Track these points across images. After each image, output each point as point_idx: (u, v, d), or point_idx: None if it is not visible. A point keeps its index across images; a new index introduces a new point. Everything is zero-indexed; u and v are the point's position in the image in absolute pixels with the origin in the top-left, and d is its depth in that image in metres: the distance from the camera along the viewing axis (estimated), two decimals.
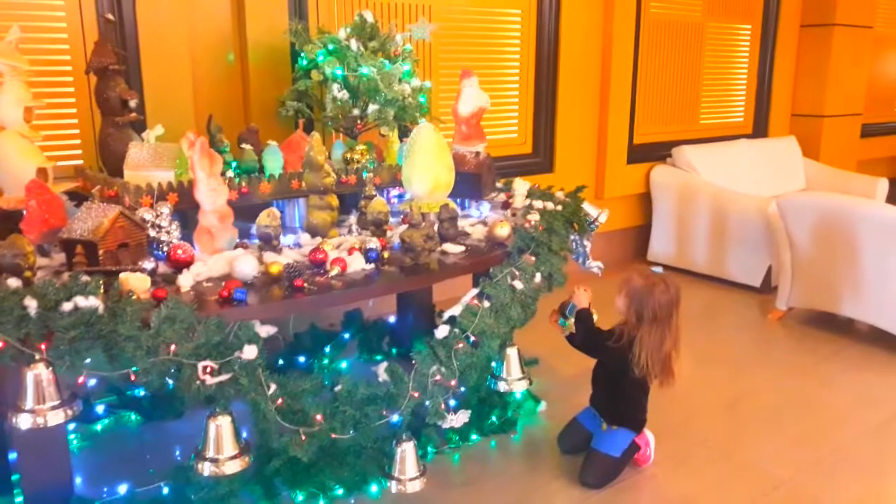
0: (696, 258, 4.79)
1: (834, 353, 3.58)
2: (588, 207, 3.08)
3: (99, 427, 2.74)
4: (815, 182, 5.55)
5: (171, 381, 1.83)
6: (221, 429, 1.88)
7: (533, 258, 2.56)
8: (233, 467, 1.89)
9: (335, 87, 2.94)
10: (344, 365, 3.20)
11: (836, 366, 3.45)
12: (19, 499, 2.10)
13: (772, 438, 2.78)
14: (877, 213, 3.45)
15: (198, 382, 1.80)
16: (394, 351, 3.34)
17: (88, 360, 1.71)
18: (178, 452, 2.54)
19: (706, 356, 3.54)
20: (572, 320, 2.52)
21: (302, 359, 3.15)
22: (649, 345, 2.36)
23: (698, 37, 5.23)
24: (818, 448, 2.71)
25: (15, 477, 2.18)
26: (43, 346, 1.69)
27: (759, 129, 5.85)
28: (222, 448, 1.88)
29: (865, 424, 2.89)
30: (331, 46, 2.96)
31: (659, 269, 2.47)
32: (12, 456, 2.16)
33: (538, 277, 2.54)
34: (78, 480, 2.15)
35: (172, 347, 1.75)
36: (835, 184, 5.33)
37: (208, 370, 1.79)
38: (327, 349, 3.25)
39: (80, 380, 1.73)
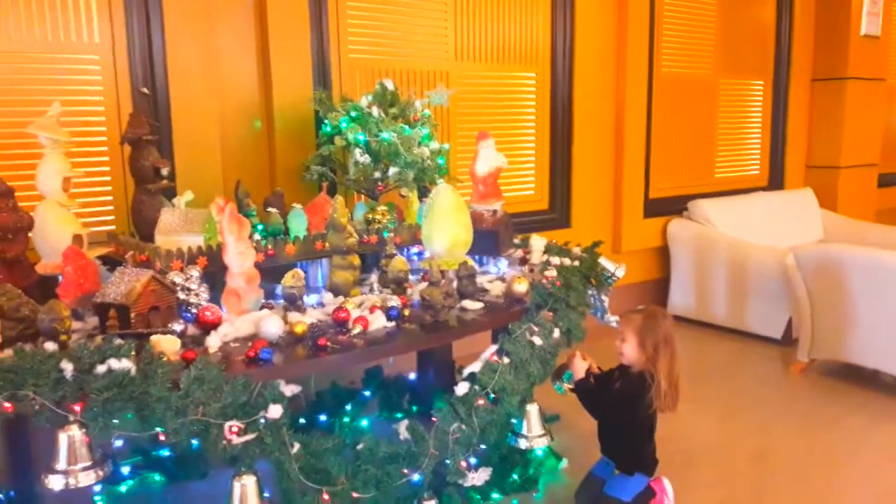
0: (717, 311, 4.79)
1: (859, 406, 3.55)
2: (605, 262, 3.13)
3: (124, 488, 2.77)
4: (833, 233, 5.56)
5: (197, 441, 1.88)
6: (247, 489, 1.91)
7: (551, 314, 2.60)
8: None
9: (357, 151, 3.05)
10: (365, 423, 3.23)
11: (862, 418, 3.41)
12: None
13: (797, 495, 2.75)
14: (893, 263, 3.46)
15: (224, 442, 1.84)
16: (414, 408, 3.36)
17: (119, 422, 1.77)
18: None
19: (729, 410, 3.52)
20: (568, 385, 2.54)
21: (323, 417, 3.18)
22: (667, 370, 2.40)
23: (711, 93, 5.34)
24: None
25: None
26: (77, 408, 1.76)
27: (775, 181, 5.89)
28: None
29: (891, 480, 2.85)
30: (353, 113, 3.09)
31: (641, 308, 2.52)
32: None
33: (557, 333, 2.57)
34: None
35: (201, 408, 1.80)
36: (853, 234, 5.34)
37: (234, 430, 1.83)
38: (348, 407, 3.28)
39: (112, 441, 1.79)
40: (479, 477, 2.30)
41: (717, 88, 5.38)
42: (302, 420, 3.10)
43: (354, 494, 2.02)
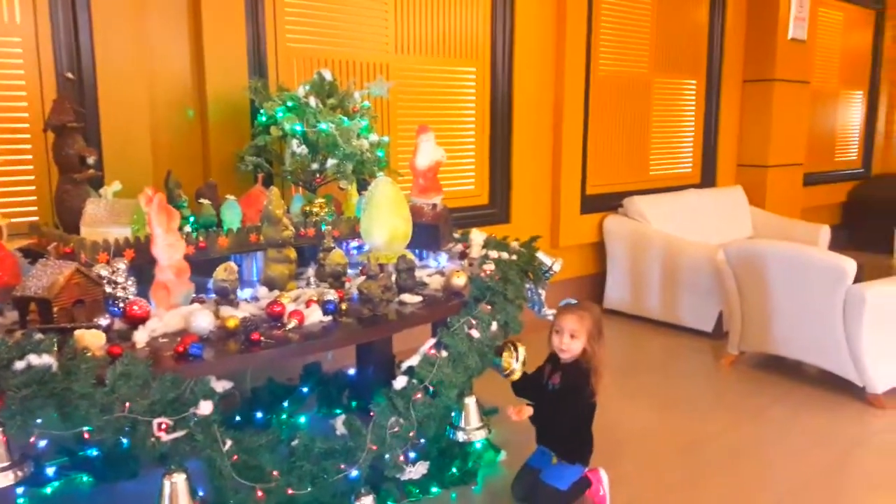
0: (650, 305, 4.90)
1: (783, 396, 3.68)
2: (542, 257, 3.16)
3: (49, 490, 2.65)
4: (761, 229, 5.76)
5: (125, 439, 1.82)
6: (177, 486, 1.86)
7: (489, 307, 2.62)
8: None
9: (294, 142, 3.00)
10: (303, 420, 3.17)
11: (786, 408, 3.54)
12: None
13: (728, 482, 2.84)
14: (818, 259, 3.60)
15: (153, 439, 1.79)
16: (353, 404, 3.32)
17: (41, 420, 1.69)
18: None
19: (662, 402, 3.61)
20: (510, 362, 2.59)
21: (259, 414, 3.11)
22: (600, 358, 2.53)
23: (646, 91, 5.45)
24: (772, 491, 2.78)
25: None
26: None
27: (707, 178, 6.07)
28: None
29: (816, 466, 2.97)
30: (290, 103, 3.03)
31: (573, 301, 2.62)
32: None
33: (495, 326, 2.59)
34: None
35: (127, 405, 1.74)
36: (780, 231, 5.54)
37: (163, 427, 1.78)
38: (285, 404, 3.22)
39: (32, 440, 1.71)
40: (417, 471, 2.31)
41: (652, 87, 5.50)
42: (237, 417, 3.04)
43: (290, 491, 1.99)
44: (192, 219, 2.76)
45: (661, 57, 5.50)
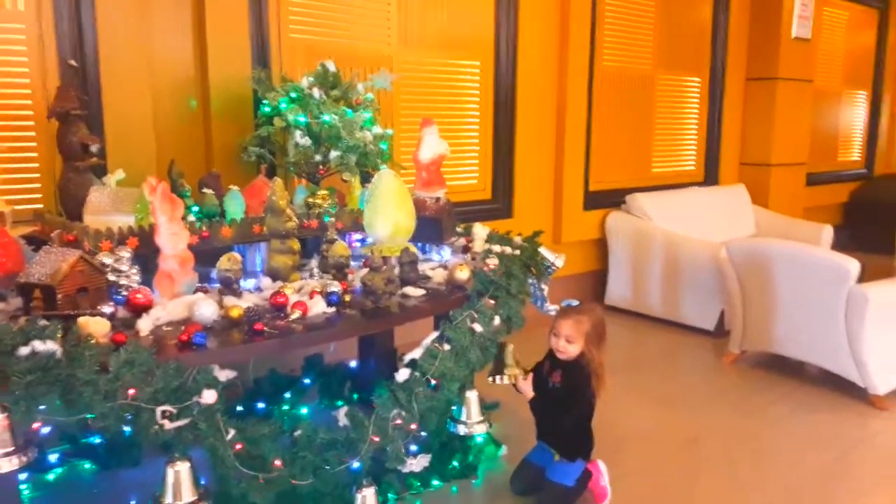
0: (652, 302, 4.90)
1: (785, 395, 3.68)
2: (545, 252, 3.16)
3: (52, 476, 2.66)
4: (764, 228, 5.76)
5: (128, 427, 1.81)
6: (180, 474, 1.86)
7: (492, 301, 2.61)
8: None
9: (298, 133, 2.99)
10: (304, 411, 3.17)
11: (787, 407, 3.54)
12: None
13: (726, 480, 2.84)
14: (821, 259, 3.60)
15: (156, 427, 1.78)
16: (355, 396, 3.32)
17: (44, 406, 1.69)
18: (133, 502, 2.47)
19: (661, 399, 3.61)
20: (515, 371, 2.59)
21: (262, 405, 3.11)
22: (601, 361, 2.53)
23: (649, 88, 5.45)
24: (770, 489, 2.77)
25: None
26: None
27: (710, 177, 6.06)
28: (181, 494, 1.85)
29: (815, 465, 2.97)
30: (293, 94, 3.02)
31: (575, 302, 2.61)
32: None
33: (497, 320, 2.58)
34: None
35: (131, 392, 1.74)
36: (782, 230, 5.54)
37: (167, 415, 1.78)
38: (287, 395, 3.22)
39: (35, 426, 1.70)
40: (419, 463, 2.30)
41: (656, 84, 5.49)
42: (240, 407, 3.03)
43: (292, 481, 1.99)
44: (195, 209, 2.75)
45: (665, 54, 5.49)
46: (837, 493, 2.78)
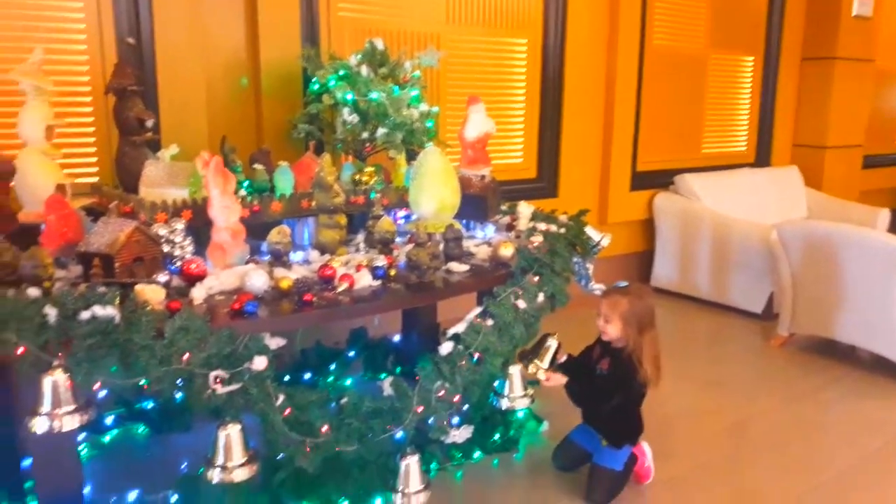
0: (699, 284, 4.83)
1: (834, 380, 3.61)
2: (590, 231, 3.14)
3: (108, 438, 2.78)
4: (816, 211, 5.61)
5: (181, 392, 1.88)
6: (231, 437, 1.92)
7: (536, 278, 2.61)
8: (241, 475, 1.92)
9: (345, 110, 3.03)
10: (348, 382, 3.24)
11: (837, 392, 3.47)
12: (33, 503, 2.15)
13: (771, 463, 2.81)
14: (877, 242, 3.50)
15: (208, 392, 1.85)
16: (398, 370, 3.38)
17: (104, 368, 1.76)
18: (184, 464, 2.57)
19: (708, 382, 3.57)
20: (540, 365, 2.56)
21: (307, 376, 3.19)
22: (651, 353, 2.46)
23: (701, 67, 5.33)
24: (817, 473, 2.74)
25: (28, 484, 2.22)
26: (60, 354, 1.75)
27: (762, 158, 5.92)
28: (232, 456, 1.92)
29: (864, 450, 2.92)
30: (342, 72, 3.05)
31: (623, 284, 2.57)
32: (26, 463, 2.22)
33: (541, 297, 2.58)
34: (87, 489, 2.19)
35: (185, 357, 1.80)
36: (836, 213, 5.39)
37: (219, 380, 1.84)
38: (332, 367, 3.30)
39: (96, 387, 1.78)
40: (462, 434, 2.33)
41: (708, 63, 5.37)
42: (286, 377, 3.11)
43: (337, 447, 2.04)
44: (246, 183, 2.81)
45: (718, 33, 5.36)
46: (887, 479, 2.73)
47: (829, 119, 5.92)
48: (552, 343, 2.58)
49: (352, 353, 3.38)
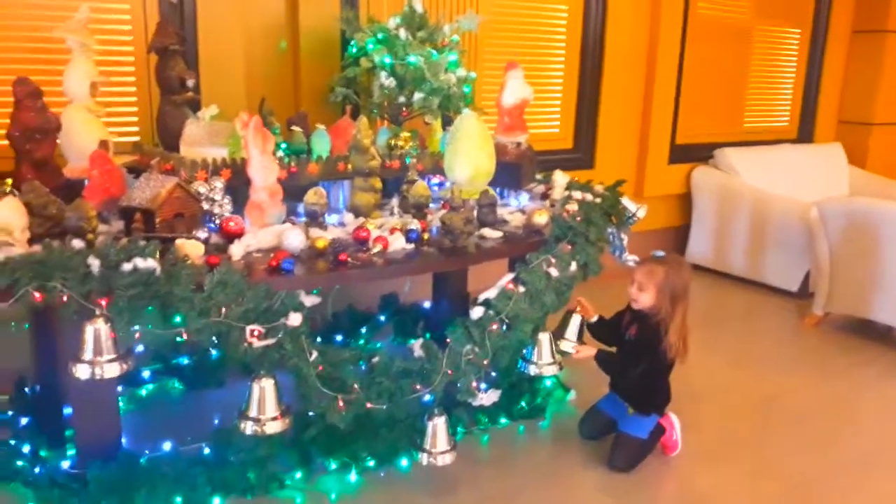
0: (735, 261, 4.77)
1: (869, 360, 3.56)
2: (626, 201, 3.11)
3: (144, 392, 2.86)
4: (858, 189, 5.47)
5: (219, 345, 1.93)
6: (265, 391, 1.97)
7: (569, 247, 2.61)
8: (274, 427, 1.98)
9: (383, 74, 3.02)
10: (379, 345, 3.28)
11: (871, 372, 3.43)
12: (71, 451, 2.23)
13: (799, 439, 2.79)
14: None
15: (245, 345, 1.89)
16: (427, 335, 3.39)
17: (144, 318, 1.82)
18: (217, 419, 2.64)
19: (740, 358, 3.55)
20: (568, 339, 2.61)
21: (339, 338, 3.24)
22: (678, 325, 2.46)
23: (746, 38, 5.20)
24: (843, 451, 2.72)
25: (68, 432, 2.31)
26: (103, 303, 1.81)
27: (805, 134, 5.78)
28: (265, 409, 1.97)
29: (892, 431, 2.88)
30: (380, 35, 3.05)
31: (661, 254, 2.55)
32: (67, 411, 2.30)
33: (574, 266, 2.58)
34: (124, 441, 2.26)
35: (223, 310, 1.85)
36: (879, 191, 5.24)
37: (255, 334, 1.88)
38: (363, 330, 3.34)
39: (136, 336, 1.84)
40: (489, 398, 2.35)
41: (753, 34, 5.23)
42: (319, 339, 3.16)
43: (368, 405, 2.08)
44: (283, 145, 2.84)
45: (765, 3, 5.21)
46: None
47: (877, 95, 5.74)
48: (576, 318, 2.63)
49: (382, 318, 3.42)
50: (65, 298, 1.76)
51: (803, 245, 4.29)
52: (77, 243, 1.89)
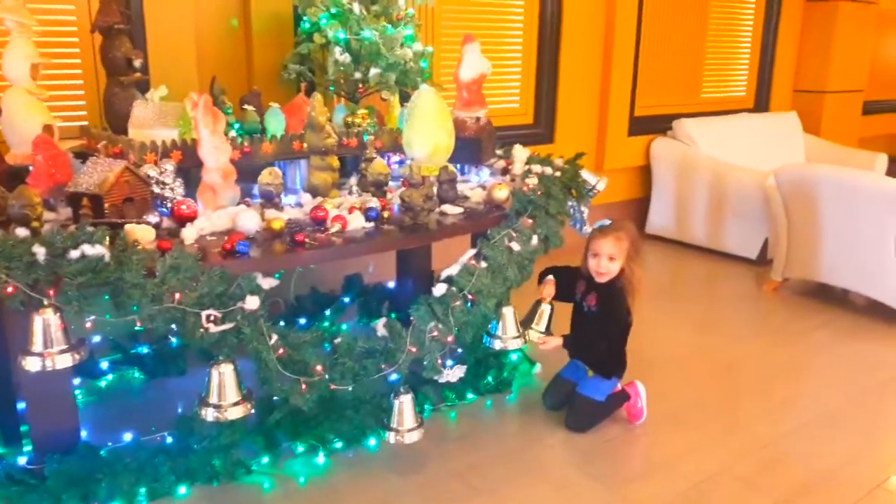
0: (695, 231, 4.83)
1: (827, 323, 3.64)
2: (586, 175, 3.11)
3: (103, 383, 2.80)
4: (814, 157, 5.57)
5: (175, 331, 1.88)
6: (224, 376, 1.93)
7: (530, 221, 2.60)
8: (235, 413, 1.94)
9: (337, 50, 2.96)
10: (344, 327, 3.25)
11: (829, 334, 3.50)
12: (27, 448, 2.17)
13: (763, 402, 2.84)
14: (874, 185, 3.49)
15: (201, 331, 1.85)
16: (392, 315, 3.37)
17: (95, 306, 1.76)
18: (180, 408, 2.59)
19: (703, 325, 3.60)
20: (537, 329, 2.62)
21: (303, 321, 3.20)
22: (638, 276, 2.55)
23: (702, 9, 5.22)
24: (807, 411, 2.78)
25: (23, 428, 2.24)
26: (51, 293, 1.74)
27: (761, 103, 5.85)
28: (225, 395, 1.94)
29: (854, 390, 2.95)
30: (333, 10, 2.97)
31: (608, 222, 2.60)
32: (21, 406, 2.23)
33: (535, 240, 2.58)
34: (83, 433, 2.20)
35: (177, 296, 1.80)
36: (834, 159, 5.35)
37: (212, 318, 1.84)
38: (327, 312, 3.30)
39: (88, 325, 1.78)
40: (455, 374, 2.34)
41: (709, 5, 5.25)
42: (282, 323, 3.11)
43: (332, 386, 2.05)
44: (236, 125, 2.77)
45: None
46: (877, 416, 2.77)
47: (830, 63, 5.84)
48: (545, 308, 2.63)
49: (347, 299, 3.38)
50: (10, 289, 1.69)
51: (761, 213, 4.35)
52: (21, 231, 1.82)
